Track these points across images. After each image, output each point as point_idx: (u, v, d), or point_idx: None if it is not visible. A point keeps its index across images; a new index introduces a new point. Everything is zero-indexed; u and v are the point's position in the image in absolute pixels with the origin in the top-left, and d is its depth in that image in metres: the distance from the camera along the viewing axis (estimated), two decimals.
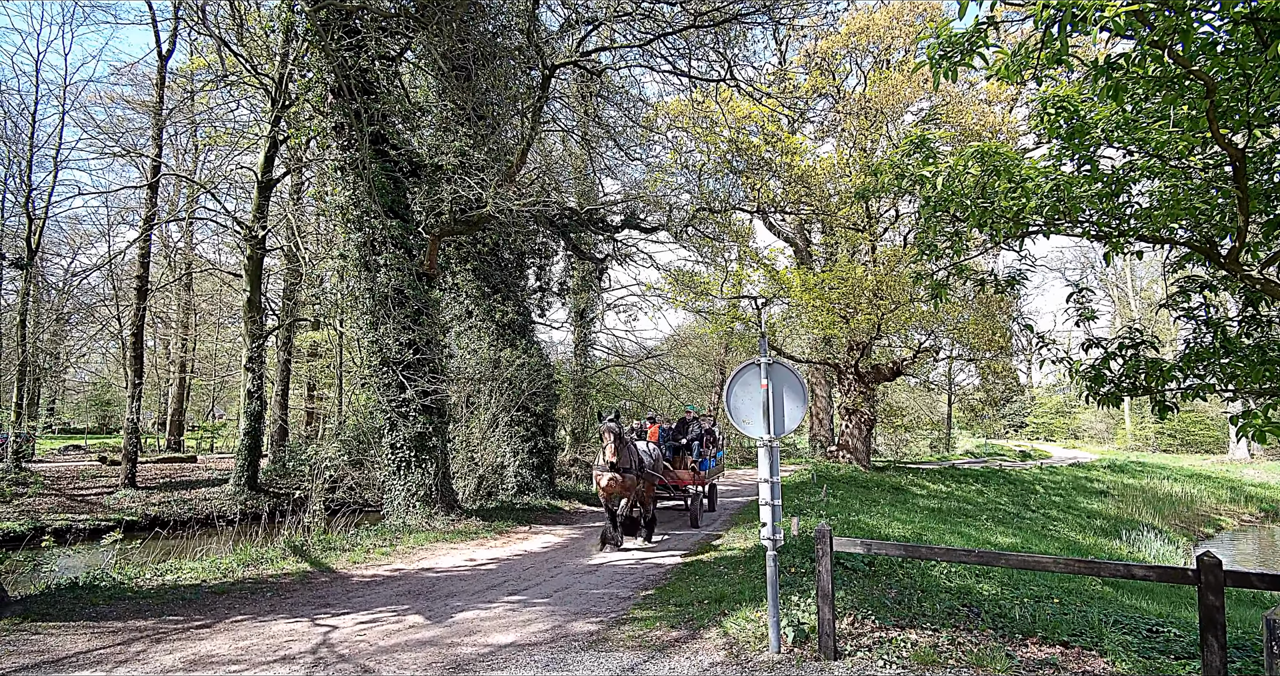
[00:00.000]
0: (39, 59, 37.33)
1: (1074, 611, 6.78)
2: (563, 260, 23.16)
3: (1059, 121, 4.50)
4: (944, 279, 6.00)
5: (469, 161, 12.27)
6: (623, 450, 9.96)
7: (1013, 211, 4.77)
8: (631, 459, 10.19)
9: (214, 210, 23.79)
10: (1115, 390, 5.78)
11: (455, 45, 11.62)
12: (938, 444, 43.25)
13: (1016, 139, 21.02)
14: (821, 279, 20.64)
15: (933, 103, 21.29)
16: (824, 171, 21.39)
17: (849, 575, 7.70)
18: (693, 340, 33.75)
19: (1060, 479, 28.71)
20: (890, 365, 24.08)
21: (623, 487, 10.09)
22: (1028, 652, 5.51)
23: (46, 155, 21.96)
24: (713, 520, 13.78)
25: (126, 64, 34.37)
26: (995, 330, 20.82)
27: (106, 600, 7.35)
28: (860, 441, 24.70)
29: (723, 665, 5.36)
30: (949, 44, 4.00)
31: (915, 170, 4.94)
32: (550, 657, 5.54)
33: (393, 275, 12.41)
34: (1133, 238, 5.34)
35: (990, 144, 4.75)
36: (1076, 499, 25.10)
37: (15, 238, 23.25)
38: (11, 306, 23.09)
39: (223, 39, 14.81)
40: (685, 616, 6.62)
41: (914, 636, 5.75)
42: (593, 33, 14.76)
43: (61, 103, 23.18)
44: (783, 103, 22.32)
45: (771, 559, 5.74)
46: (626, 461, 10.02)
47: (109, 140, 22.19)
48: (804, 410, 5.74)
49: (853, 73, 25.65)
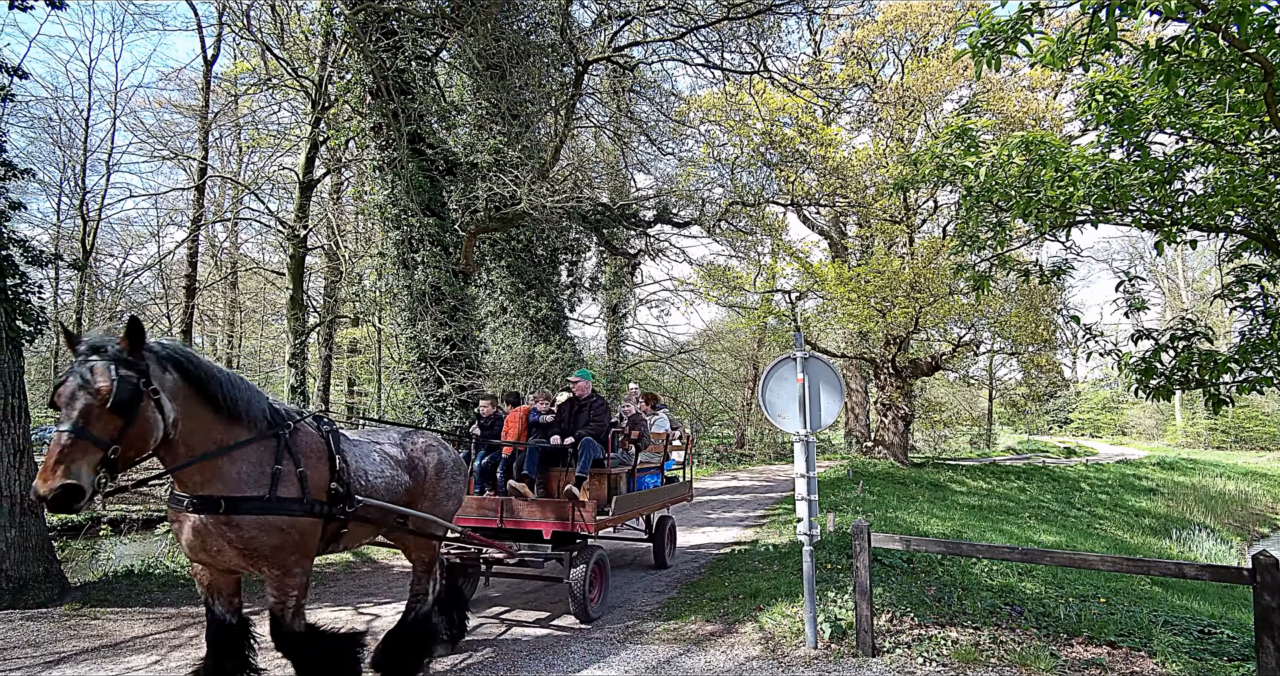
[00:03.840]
0: (91, 66, 38.70)
1: (1121, 611, 6.60)
2: (595, 256, 23.24)
3: (1107, 108, 4.36)
4: (987, 271, 5.87)
5: (503, 159, 12.39)
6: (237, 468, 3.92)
7: (1059, 201, 4.63)
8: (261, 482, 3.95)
9: (258, 210, 24.44)
10: (1167, 384, 5.60)
11: (490, 44, 11.72)
12: (978, 440, 42.37)
13: (1061, 126, 20.42)
14: (857, 272, 20.36)
15: (973, 90, 20.80)
16: (860, 162, 21.07)
17: (887, 571, 7.61)
18: (725, 335, 33.58)
19: (1107, 476, 27.92)
20: (928, 359, 23.67)
21: (217, 555, 3.92)
22: (1073, 652, 5.39)
23: (99, 159, 22.76)
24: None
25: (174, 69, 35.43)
26: (1039, 323, 20.32)
27: (160, 587, 7.64)
28: (897, 437, 24.34)
29: (759, 660, 5.36)
30: (992, 32, 3.90)
31: (957, 161, 4.83)
32: (586, 650, 5.60)
33: (430, 272, 12.61)
34: (1186, 226, 5.15)
35: (1035, 132, 4.62)
36: (1124, 497, 24.39)
37: (71, 239, 24.18)
38: (68, 305, 24.03)
39: (265, 43, 15.17)
40: (720, 611, 6.62)
41: (954, 634, 5.66)
42: (625, 28, 14.74)
43: (113, 108, 24.02)
44: (818, 93, 22.00)
45: (808, 554, 5.71)
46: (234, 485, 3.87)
47: (158, 144, 22.93)
48: (840, 404, 5.68)
49: (889, 61, 25.22)
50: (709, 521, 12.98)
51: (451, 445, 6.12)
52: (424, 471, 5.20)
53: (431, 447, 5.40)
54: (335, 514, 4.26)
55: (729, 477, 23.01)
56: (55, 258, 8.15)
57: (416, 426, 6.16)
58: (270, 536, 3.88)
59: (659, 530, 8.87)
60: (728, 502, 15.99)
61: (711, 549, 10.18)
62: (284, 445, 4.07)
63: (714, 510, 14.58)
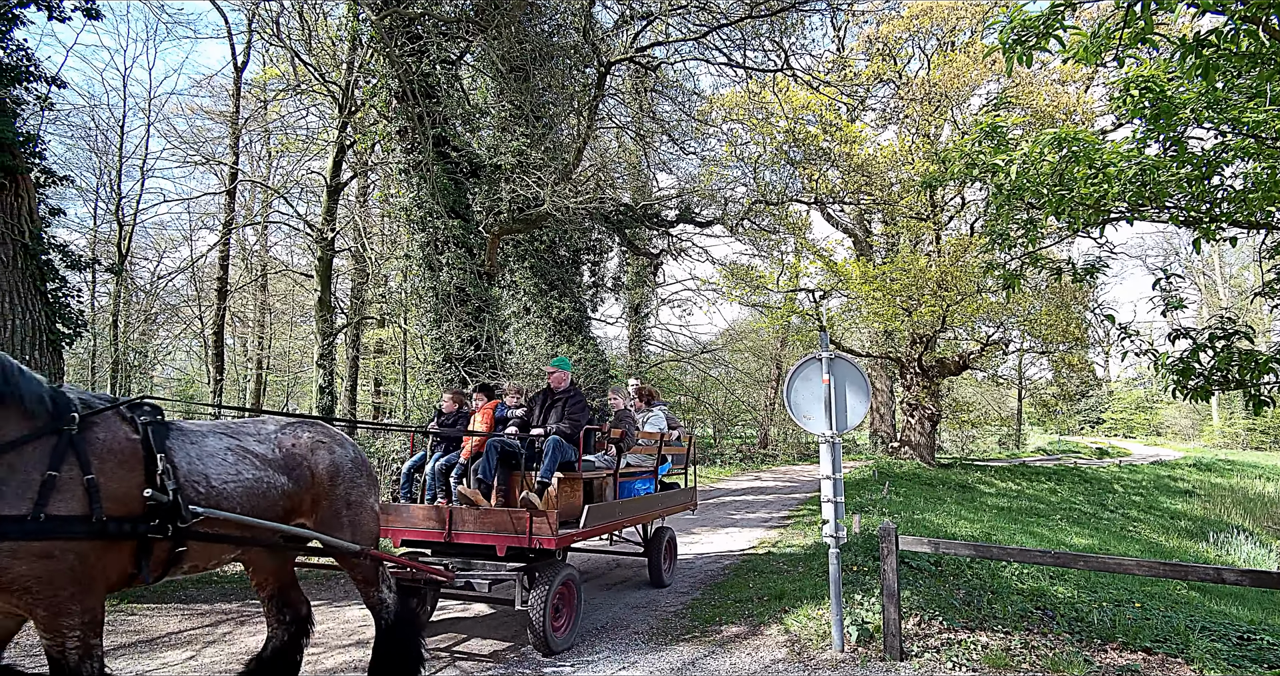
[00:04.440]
0: (126, 74, 39.72)
1: (1157, 616, 6.45)
2: (617, 256, 23.29)
3: (1143, 103, 4.25)
4: (1017, 269, 5.76)
5: (527, 161, 12.47)
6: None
7: (1093, 198, 4.53)
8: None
9: (287, 214, 24.87)
10: (1205, 384, 5.45)
11: (513, 46, 11.80)
12: (1007, 440, 41.69)
13: (1093, 120, 20.00)
14: (882, 270, 20.13)
15: (1002, 85, 20.45)
16: (885, 159, 20.83)
17: (914, 574, 7.52)
18: (748, 334, 33.43)
19: (1141, 477, 27.31)
20: (956, 358, 23.33)
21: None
22: (1107, 658, 5.28)
23: (134, 165, 23.32)
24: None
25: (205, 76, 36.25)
26: (1070, 321, 19.93)
27: (195, 584, 7.81)
28: (924, 437, 24.03)
29: (785, 662, 5.33)
30: (1023, 27, 3.82)
31: (987, 159, 4.74)
32: (612, 650, 5.61)
33: (455, 274, 12.73)
34: (1225, 222, 5.02)
35: (1068, 129, 4.52)
36: (1159, 499, 23.83)
37: (107, 243, 24.81)
38: (105, 308, 24.66)
39: (294, 50, 15.43)
40: (745, 612, 6.60)
41: (984, 638, 5.58)
42: (647, 28, 14.74)
43: (147, 115, 24.60)
44: (842, 90, 21.81)
45: (834, 556, 5.66)
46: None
47: (190, 149, 23.44)
48: (867, 405, 5.63)
49: (915, 57, 24.88)
50: (732, 522, 12.94)
51: (352, 438, 4.97)
52: (310, 473, 4.24)
53: (322, 443, 4.42)
54: (154, 532, 3.32)
55: (752, 478, 22.91)
56: (93, 262, 8.37)
57: (307, 417, 4.91)
58: (27, 565, 2.94)
59: (654, 543, 7.79)
60: (751, 503, 15.92)
61: (735, 550, 10.15)
62: (67, 445, 3.13)
63: (737, 511, 14.53)
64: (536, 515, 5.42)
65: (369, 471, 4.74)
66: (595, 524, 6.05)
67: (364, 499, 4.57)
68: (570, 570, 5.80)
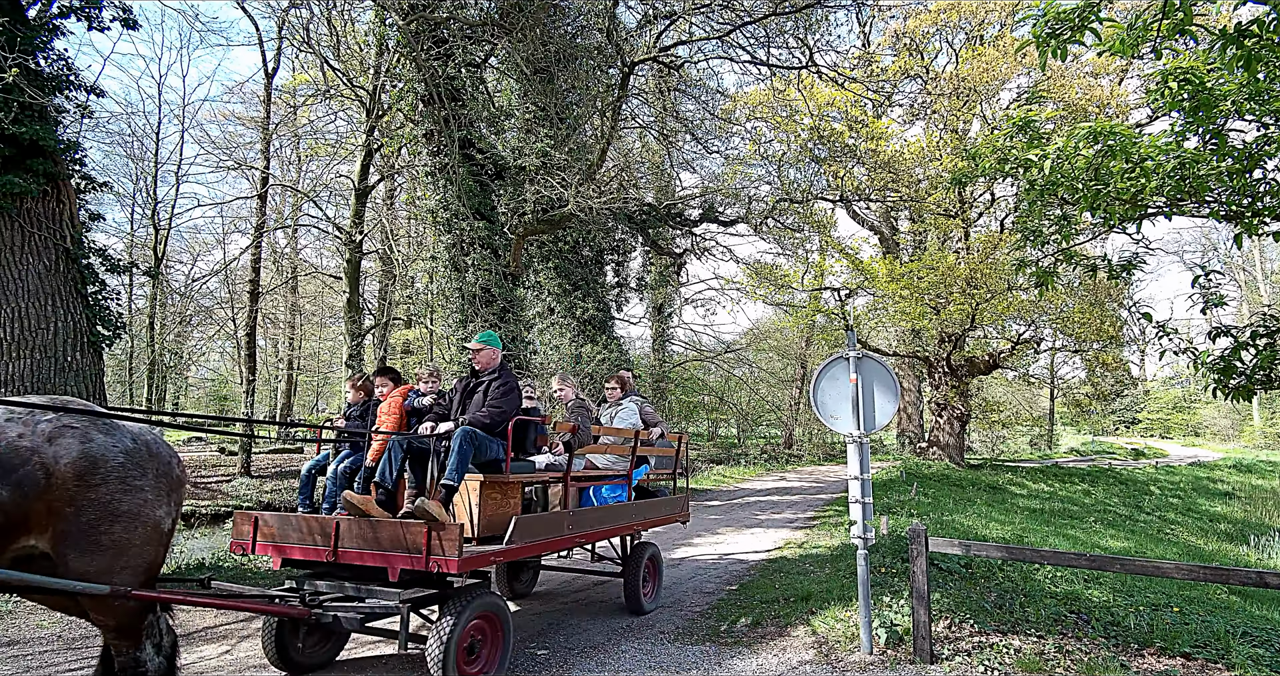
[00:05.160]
0: (161, 82, 40.73)
1: (1196, 621, 6.29)
2: (640, 256, 23.32)
3: (1182, 95, 4.14)
4: (1050, 266, 5.64)
5: (551, 162, 12.55)
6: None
7: (1130, 193, 4.42)
8: None
9: (316, 217, 25.32)
10: (1247, 383, 5.30)
11: (537, 48, 11.88)
12: (1038, 441, 40.94)
13: (1127, 113, 19.54)
14: (909, 268, 19.88)
15: (1033, 78, 20.08)
16: (912, 156, 20.57)
17: (944, 576, 7.41)
18: (772, 334, 33.25)
19: (1178, 479, 26.63)
20: (986, 357, 22.96)
21: None
22: (1144, 663, 5.16)
23: (169, 171, 23.96)
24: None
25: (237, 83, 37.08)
26: (1104, 318, 19.49)
27: (229, 579, 7.97)
28: (952, 438, 23.69)
29: (813, 664, 5.29)
30: (1057, 20, 3.74)
31: (1020, 154, 4.65)
32: (637, 648, 5.62)
33: (480, 275, 12.86)
34: (1268, 217, 4.87)
35: (1104, 122, 4.42)
36: (1197, 501, 23.21)
37: (144, 247, 25.47)
38: (141, 311, 25.33)
39: (323, 55, 15.71)
40: (771, 613, 6.56)
41: (1017, 642, 5.49)
42: (670, 27, 14.74)
43: (181, 121, 25.27)
44: (868, 86, 21.59)
45: (862, 557, 5.61)
46: None
47: (223, 155, 24.00)
48: (896, 405, 5.57)
49: (943, 51, 24.54)
50: (757, 522, 12.88)
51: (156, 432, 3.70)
52: (43, 472, 3.02)
53: (70, 429, 3.15)
54: None
55: (777, 478, 22.77)
56: (131, 266, 8.59)
57: (55, 407, 3.20)
58: None
59: (632, 561, 6.50)
60: (776, 503, 15.83)
61: (760, 550, 10.10)
62: None
63: (762, 511, 14.46)
64: (435, 528, 4.18)
65: (161, 470, 3.46)
66: (527, 539, 4.80)
67: (141, 509, 3.28)
68: (492, 599, 4.57)
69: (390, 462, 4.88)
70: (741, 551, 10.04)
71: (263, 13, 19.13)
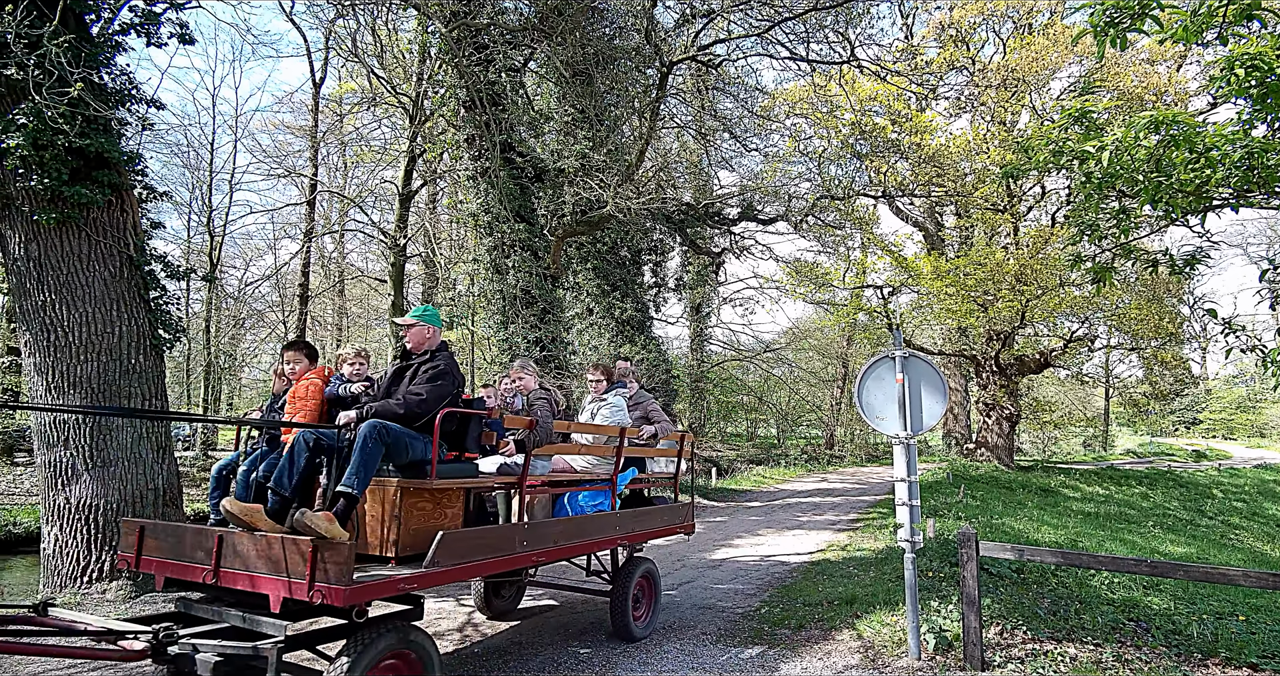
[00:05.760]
0: (215, 94, 42.24)
1: (1264, 630, 6.02)
2: (678, 256, 23.30)
3: (1249, 81, 3.94)
4: (1108, 261, 5.43)
5: (589, 164, 12.63)
6: None
7: (1194, 184, 4.23)
8: None
9: (362, 222, 25.98)
10: None
11: (576, 51, 11.97)
12: (1093, 442, 39.60)
13: (1186, 101, 18.74)
14: (956, 265, 19.42)
15: (1085, 67, 19.41)
16: (958, 149, 20.09)
17: (995, 581, 7.22)
18: (812, 333, 32.85)
19: (1243, 482, 25.45)
20: (1036, 356, 22.29)
21: None
22: (1208, 673, 4.96)
23: (223, 179, 24.87)
24: None
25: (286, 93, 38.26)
26: (1163, 315, 18.76)
27: None
28: (1001, 438, 23.06)
29: (859, 668, 5.20)
30: (1116, 8, 3.59)
31: (1076, 145, 4.49)
32: (679, 649, 5.61)
33: (520, 276, 13.01)
34: None
35: (1165, 112, 4.23)
36: (1263, 504, 22.15)
37: (199, 253, 26.47)
38: (198, 314, 26.30)
39: (368, 64, 16.11)
40: (815, 616, 6.48)
41: (1072, 650, 5.31)
42: (709, 25, 14.69)
43: (234, 131, 26.18)
44: (911, 80, 21.16)
45: (909, 561, 5.50)
46: None
47: (274, 163, 24.82)
48: (944, 406, 5.44)
49: (989, 41, 23.90)
50: (799, 524, 12.75)
51: None
52: None
53: None
54: None
55: (818, 479, 22.49)
56: (189, 271, 8.91)
57: None
58: None
59: (622, 578, 5.65)
60: (818, 505, 15.64)
61: (802, 552, 9.98)
62: None
63: (803, 512, 14.31)
64: (323, 547, 3.27)
65: None
66: (457, 560, 3.81)
67: None
68: (413, 634, 3.69)
69: (292, 462, 3.89)
70: (783, 553, 9.94)
71: (310, 24, 19.75)
